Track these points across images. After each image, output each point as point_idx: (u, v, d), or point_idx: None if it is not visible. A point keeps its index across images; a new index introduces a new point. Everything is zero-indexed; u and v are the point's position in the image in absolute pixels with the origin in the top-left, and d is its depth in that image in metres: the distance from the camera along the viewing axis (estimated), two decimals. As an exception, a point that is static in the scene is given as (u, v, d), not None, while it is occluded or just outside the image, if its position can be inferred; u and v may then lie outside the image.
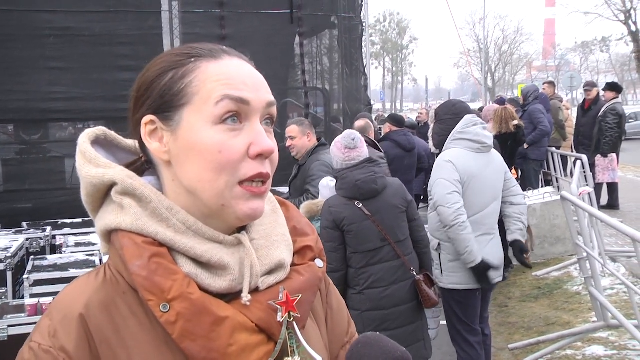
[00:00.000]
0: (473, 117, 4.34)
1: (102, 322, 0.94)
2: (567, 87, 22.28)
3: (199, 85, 0.97)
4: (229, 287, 0.98)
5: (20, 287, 5.47)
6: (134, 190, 0.97)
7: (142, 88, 1.02)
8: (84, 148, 1.02)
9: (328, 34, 10.85)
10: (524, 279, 7.33)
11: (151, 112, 1.00)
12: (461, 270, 4.16)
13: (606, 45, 56.69)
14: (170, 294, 0.91)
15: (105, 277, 0.99)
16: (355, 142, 3.88)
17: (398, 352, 0.95)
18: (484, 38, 48.56)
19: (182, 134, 0.97)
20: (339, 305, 1.24)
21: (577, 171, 6.93)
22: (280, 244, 1.06)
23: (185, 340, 0.91)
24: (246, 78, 1.00)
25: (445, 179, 4.08)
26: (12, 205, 7.62)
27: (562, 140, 11.40)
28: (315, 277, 1.08)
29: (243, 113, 0.97)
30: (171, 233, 0.96)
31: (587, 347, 5.08)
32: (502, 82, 65.13)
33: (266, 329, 0.98)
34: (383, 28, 65.04)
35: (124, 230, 0.96)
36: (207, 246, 0.97)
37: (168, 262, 0.94)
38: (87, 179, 1.00)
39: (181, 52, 1.02)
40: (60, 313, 0.96)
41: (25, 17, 7.68)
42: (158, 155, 1.00)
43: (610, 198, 10.63)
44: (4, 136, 8.63)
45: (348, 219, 3.76)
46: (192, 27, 8.63)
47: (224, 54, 1.02)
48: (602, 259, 4.80)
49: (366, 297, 3.79)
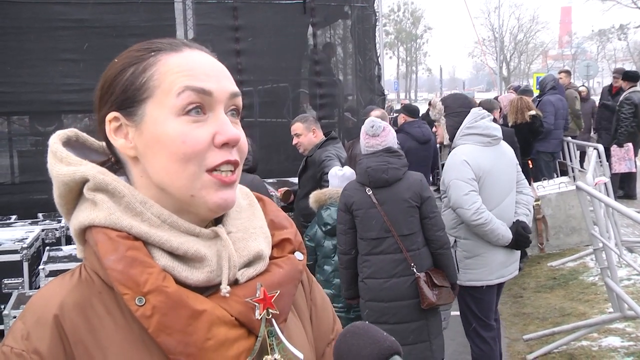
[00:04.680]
0: (480, 109, 4.30)
1: (77, 323, 0.92)
2: (583, 76, 22.02)
3: (159, 77, 0.97)
4: (207, 279, 0.96)
5: (36, 278, 5.52)
6: (106, 185, 0.97)
7: (105, 85, 1.01)
8: (54, 148, 1.02)
9: (341, 24, 10.79)
10: (539, 270, 7.28)
11: (115, 109, 0.99)
12: (478, 267, 4.14)
13: (624, 32, 55.93)
14: (145, 287, 0.90)
15: (80, 277, 0.98)
16: (374, 129, 3.88)
17: (387, 342, 0.93)
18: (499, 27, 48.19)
19: (146, 127, 0.96)
20: (323, 302, 1.22)
21: (593, 161, 6.86)
22: (258, 236, 1.05)
23: (161, 335, 0.89)
24: (207, 69, 0.99)
25: (460, 179, 4.02)
26: (28, 196, 7.68)
27: (578, 130, 11.29)
28: (295, 270, 1.07)
29: (206, 104, 0.97)
30: (146, 227, 0.95)
31: (603, 338, 5.04)
32: (517, 71, 64.50)
33: (246, 323, 0.96)
34: (397, 17, 64.71)
35: (98, 226, 0.95)
36: (182, 239, 0.96)
37: (143, 256, 0.93)
38: (59, 177, 0.99)
39: (142, 48, 1.01)
40: (34, 315, 0.94)
41: (38, 9, 7.71)
42: (124, 151, 1.00)
43: (628, 188, 10.52)
44: (19, 128, 8.69)
45: (356, 204, 3.82)
46: (205, 17, 8.62)
47: (185, 47, 1.01)
48: (619, 249, 4.77)
49: (367, 287, 3.83)
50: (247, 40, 8.45)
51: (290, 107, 9.49)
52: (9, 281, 5.47)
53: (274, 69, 9.05)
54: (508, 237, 4.08)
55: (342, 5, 9.92)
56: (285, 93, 9.41)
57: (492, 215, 4.01)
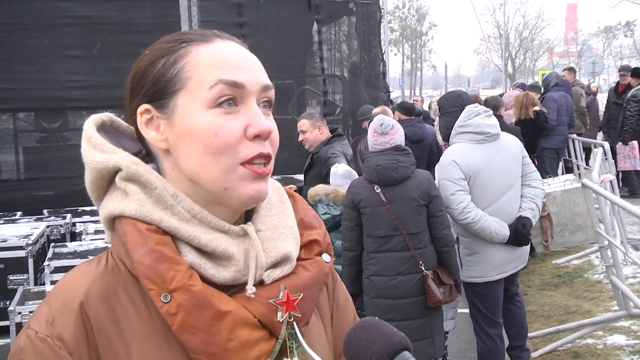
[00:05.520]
0: (474, 106, 4.28)
1: (101, 312, 0.92)
2: (589, 73, 21.92)
3: (191, 69, 0.96)
4: (233, 278, 0.96)
5: (41, 274, 5.54)
6: (138, 176, 0.96)
7: (135, 77, 1.00)
8: (89, 133, 1.01)
9: (346, 21, 10.79)
10: (544, 267, 7.27)
11: (146, 101, 0.98)
12: (479, 264, 4.17)
13: (630, 29, 55.61)
14: (172, 284, 0.89)
15: (106, 265, 0.98)
16: (383, 127, 3.88)
17: (396, 337, 0.92)
18: (504, 24, 47.88)
19: (177, 120, 0.96)
20: (345, 302, 1.21)
21: (599, 158, 6.84)
22: (287, 237, 1.04)
23: (184, 333, 0.89)
24: (240, 60, 0.98)
25: (447, 179, 4.05)
26: (33, 193, 7.72)
27: (583, 127, 11.25)
28: (321, 273, 1.06)
29: (238, 96, 0.95)
30: (176, 221, 0.94)
31: (608, 336, 5.02)
32: (523, 68, 64.24)
33: (268, 324, 0.96)
34: (402, 14, 64.44)
35: (128, 217, 0.95)
36: (211, 235, 0.95)
37: (171, 251, 0.92)
38: (92, 164, 0.98)
39: (172, 39, 1.00)
40: (59, 301, 0.94)
41: (44, 6, 7.75)
42: (156, 144, 0.99)
43: (634, 186, 10.49)
44: (24, 124, 8.73)
45: (364, 201, 3.82)
46: (209, 14, 8.63)
47: (216, 37, 1.00)
48: (624, 247, 4.75)
49: (373, 284, 3.84)
50: (252, 37, 8.45)
51: (295, 104, 9.50)
52: (14, 277, 5.49)
53: (278, 66, 9.05)
54: (504, 234, 4.07)
55: (347, 2, 9.92)
56: (290, 90, 9.42)
57: (481, 214, 4.01)
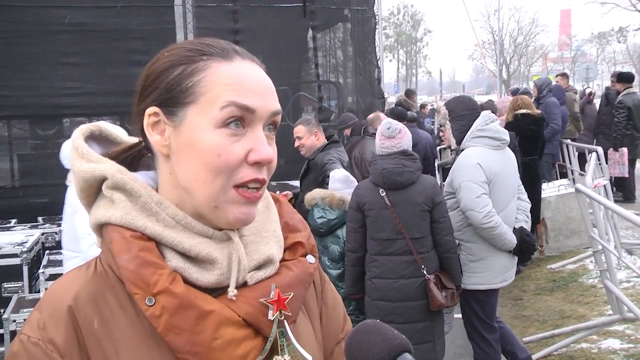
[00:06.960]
0: (490, 112, 4.30)
1: (90, 315, 0.95)
2: (583, 78, 21.99)
3: (207, 85, 0.97)
4: (217, 281, 0.98)
5: (36, 282, 5.53)
6: (124, 184, 0.99)
7: (149, 78, 1.02)
8: (77, 143, 1.04)
9: (341, 27, 10.82)
10: (539, 272, 7.28)
11: (156, 104, 1.00)
12: (482, 271, 4.15)
13: (623, 35, 55.87)
14: (155, 287, 0.92)
15: (95, 270, 1.01)
16: (391, 131, 3.91)
17: (397, 339, 0.94)
18: (498, 30, 48.19)
19: (184, 131, 0.98)
20: (334, 302, 1.24)
21: (592, 163, 6.86)
22: (270, 240, 1.07)
23: (169, 334, 0.92)
24: (255, 85, 0.99)
25: (472, 181, 4.01)
26: (28, 200, 7.69)
27: (577, 132, 11.29)
28: (305, 273, 1.08)
29: (247, 119, 0.98)
30: (160, 227, 0.97)
31: (603, 340, 5.04)
32: (517, 74, 64.47)
33: (253, 323, 0.98)
34: (397, 20, 64.62)
35: (114, 225, 0.98)
36: (195, 240, 0.98)
37: (155, 257, 0.95)
38: (79, 173, 1.01)
39: (193, 48, 1.01)
40: (49, 306, 0.97)
41: (39, 13, 7.73)
42: (158, 148, 1.01)
43: (626, 191, 10.53)
44: (19, 132, 8.70)
45: (369, 204, 3.86)
46: (205, 21, 8.65)
47: (236, 55, 1.01)
48: (618, 251, 4.77)
49: (375, 286, 3.86)
50: (247, 43, 8.46)
51: (291, 111, 9.50)
52: (9, 285, 5.48)
53: (273, 72, 8.93)
54: (513, 242, 4.10)
55: (342, 8, 9.95)
56: (285, 96, 9.42)
57: (500, 220, 4.03)
